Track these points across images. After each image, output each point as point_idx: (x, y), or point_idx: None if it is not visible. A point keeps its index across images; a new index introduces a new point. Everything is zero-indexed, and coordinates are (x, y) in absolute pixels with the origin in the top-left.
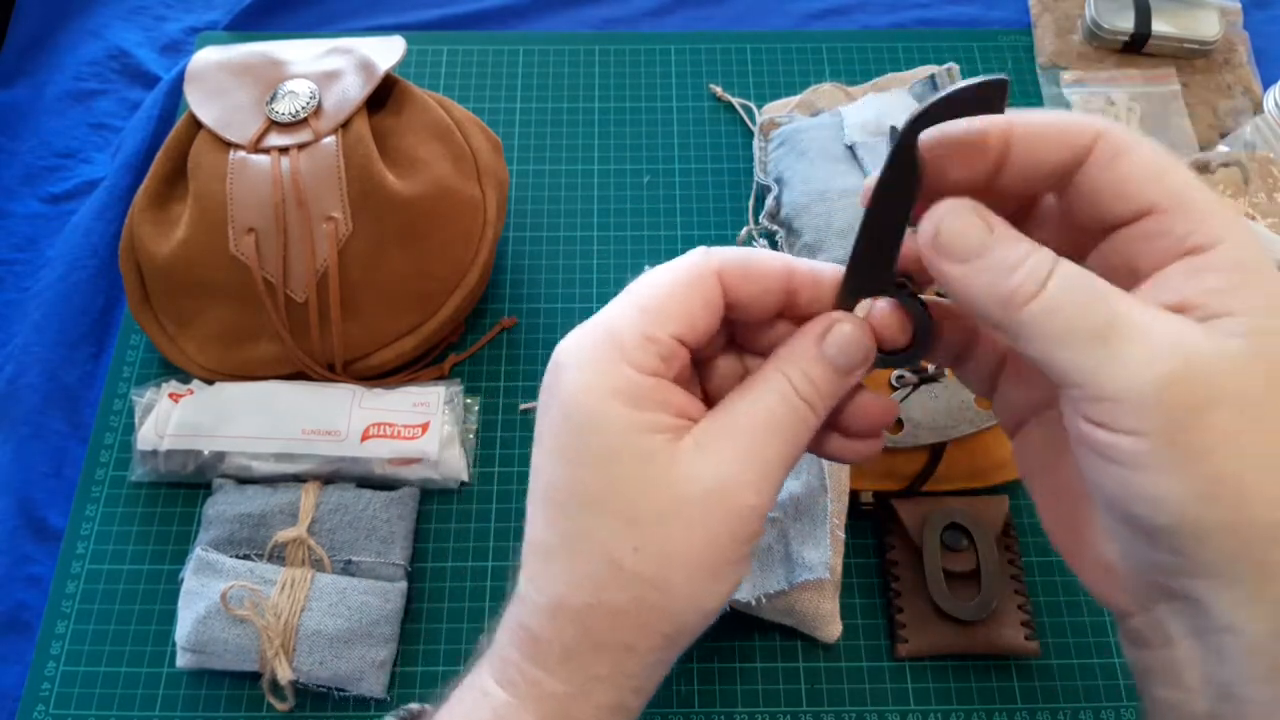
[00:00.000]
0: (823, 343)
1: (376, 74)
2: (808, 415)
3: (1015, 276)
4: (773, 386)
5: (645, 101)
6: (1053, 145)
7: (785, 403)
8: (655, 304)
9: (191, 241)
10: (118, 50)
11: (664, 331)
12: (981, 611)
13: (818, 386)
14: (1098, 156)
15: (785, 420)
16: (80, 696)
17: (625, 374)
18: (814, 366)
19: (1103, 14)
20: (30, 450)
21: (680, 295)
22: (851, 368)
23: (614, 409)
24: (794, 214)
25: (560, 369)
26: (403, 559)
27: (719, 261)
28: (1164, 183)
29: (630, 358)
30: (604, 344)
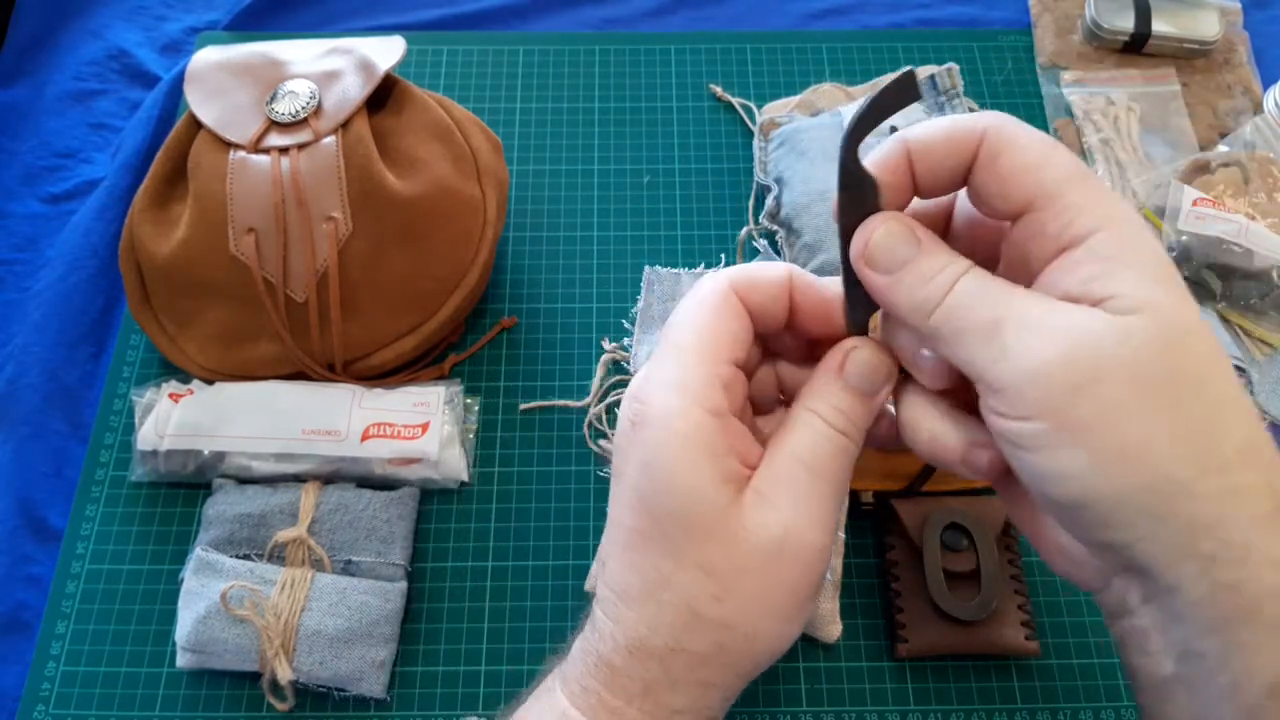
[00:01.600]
0: (843, 373)
1: (376, 74)
2: (846, 445)
3: (927, 288)
4: (809, 426)
5: (645, 101)
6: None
7: (824, 440)
8: (703, 341)
9: (191, 241)
10: (118, 50)
11: (724, 362)
12: (981, 611)
13: (848, 415)
14: (981, 156)
15: (828, 455)
16: (80, 696)
17: (699, 419)
18: (841, 397)
19: (1103, 14)
20: (30, 450)
21: (718, 323)
22: (876, 390)
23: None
24: (794, 214)
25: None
26: (403, 559)
27: (728, 279)
28: (1039, 177)
29: (701, 400)
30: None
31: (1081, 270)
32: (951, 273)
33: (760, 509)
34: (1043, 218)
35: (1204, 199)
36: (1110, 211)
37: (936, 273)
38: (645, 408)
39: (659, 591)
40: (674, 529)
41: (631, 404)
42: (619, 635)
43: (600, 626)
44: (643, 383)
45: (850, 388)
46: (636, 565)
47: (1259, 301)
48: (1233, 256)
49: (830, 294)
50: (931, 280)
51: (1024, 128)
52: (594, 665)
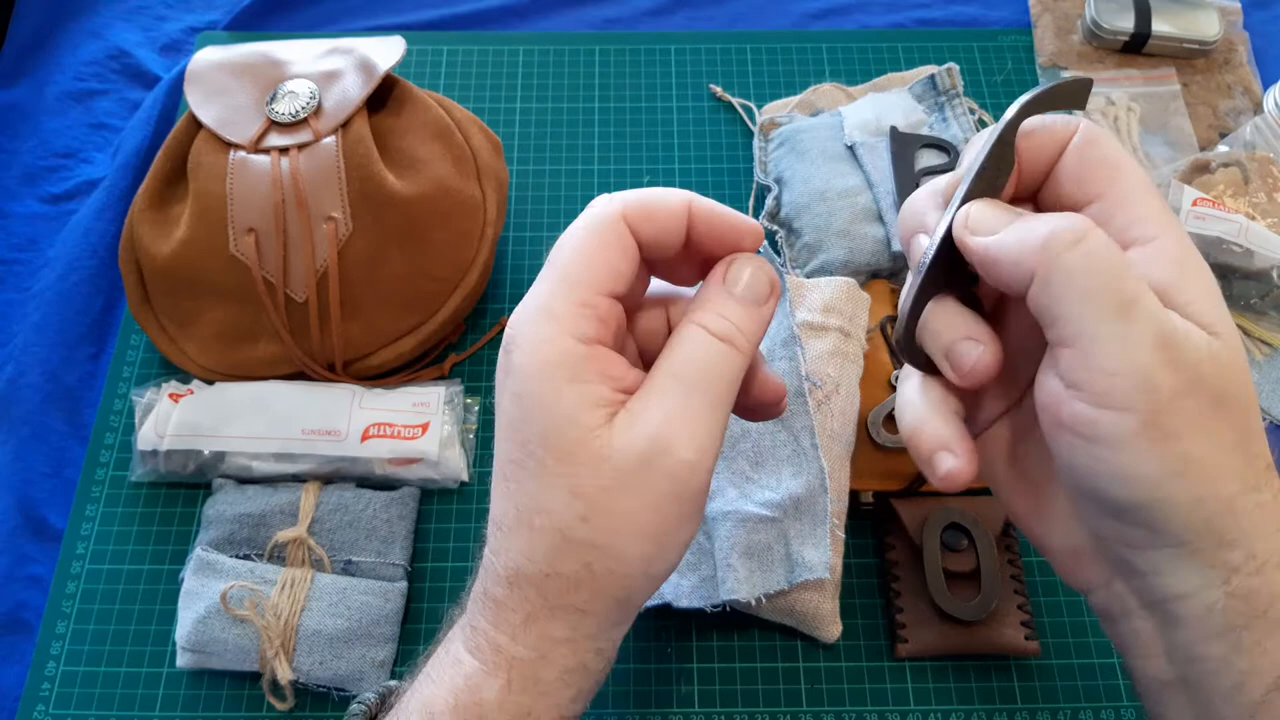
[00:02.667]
0: (726, 281)
1: (376, 74)
2: (727, 353)
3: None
4: (689, 335)
5: (645, 101)
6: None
7: (705, 346)
8: (579, 268)
9: (191, 241)
10: (118, 50)
11: (595, 293)
12: (981, 611)
13: (732, 321)
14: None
15: (705, 364)
16: (80, 696)
17: (565, 346)
18: (724, 305)
19: (1103, 14)
20: (30, 450)
21: (599, 253)
22: (760, 299)
23: (555, 387)
24: (794, 214)
25: (508, 351)
26: (403, 559)
27: (621, 206)
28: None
29: (568, 328)
30: (543, 320)
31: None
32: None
33: (629, 427)
34: (1109, 208)
35: (1204, 199)
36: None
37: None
38: (515, 334)
39: (531, 516)
40: (543, 454)
41: (507, 330)
42: (499, 566)
43: (484, 562)
44: (519, 309)
45: (734, 295)
46: (511, 494)
47: (1259, 301)
48: (1233, 256)
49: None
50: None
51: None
52: (480, 602)
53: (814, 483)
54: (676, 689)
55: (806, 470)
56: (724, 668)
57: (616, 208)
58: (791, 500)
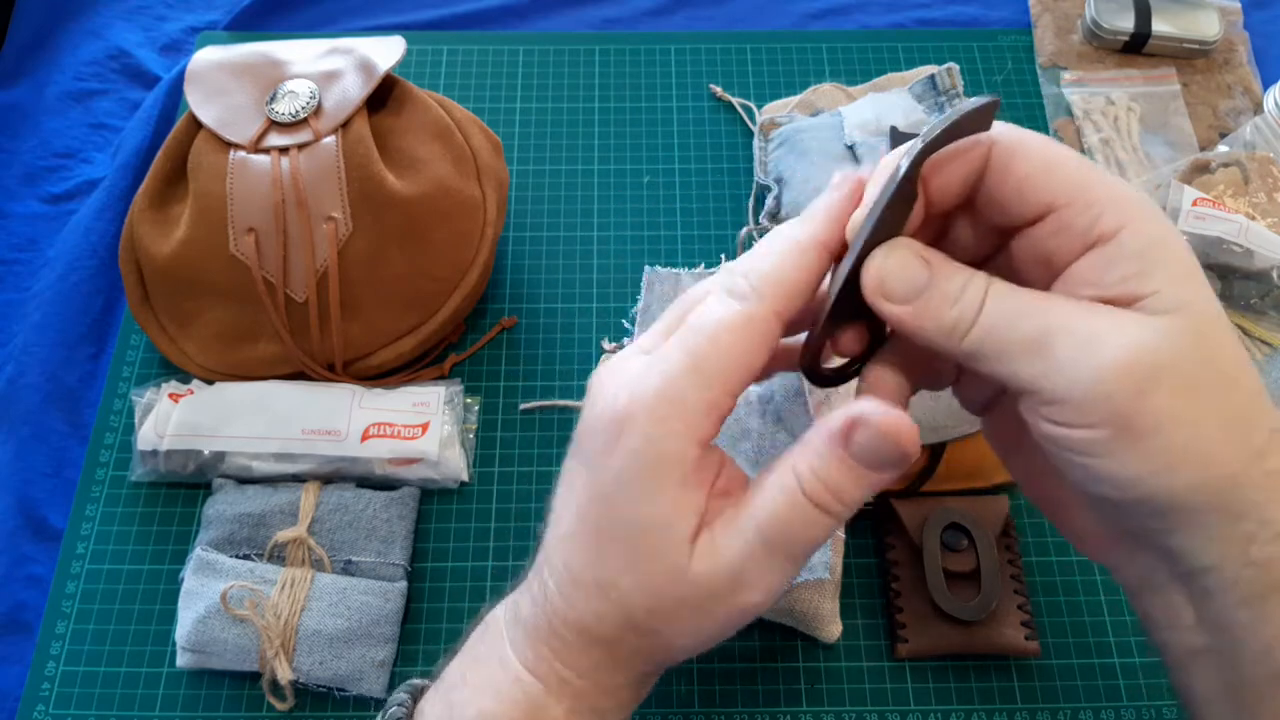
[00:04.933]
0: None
1: (376, 74)
2: (818, 518)
3: (954, 311)
4: (783, 492)
5: (645, 101)
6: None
7: (795, 513)
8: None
9: (191, 241)
10: (118, 50)
11: (729, 395)
12: (981, 611)
13: (834, 493)
14: (993, 164)
15: (794, 530)
16: (80, 696)
17: (686, 450)
18: (831, 470)
19: (1103, 14)
20: (30, 450)
21: (742, 351)
22: (882, 467)
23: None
24: (794, 214)
25: (621, 428)
26: (403, 559)
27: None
28: (1057, 177)
29: (693, 427)
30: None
31: (1117, 268)
32: (975, 290)
33: (709, 558)
34: (1066, 215)
35: (1204, 199)
36: (1132, 205)
37: (957, 294)
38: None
39: (609, 590)
40: (633, 543)
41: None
42: (570, 616)
43: (552, 598)
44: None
45: (850, 462)
46: (592, 561)
47: (1259, 301)
48: (1233, 256)
49: None
50: (957, 302)
51: (1027, 132)
52: (547, 633)
53: None
54: (676, 689)
55: None
56: (724, 668)
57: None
58: None
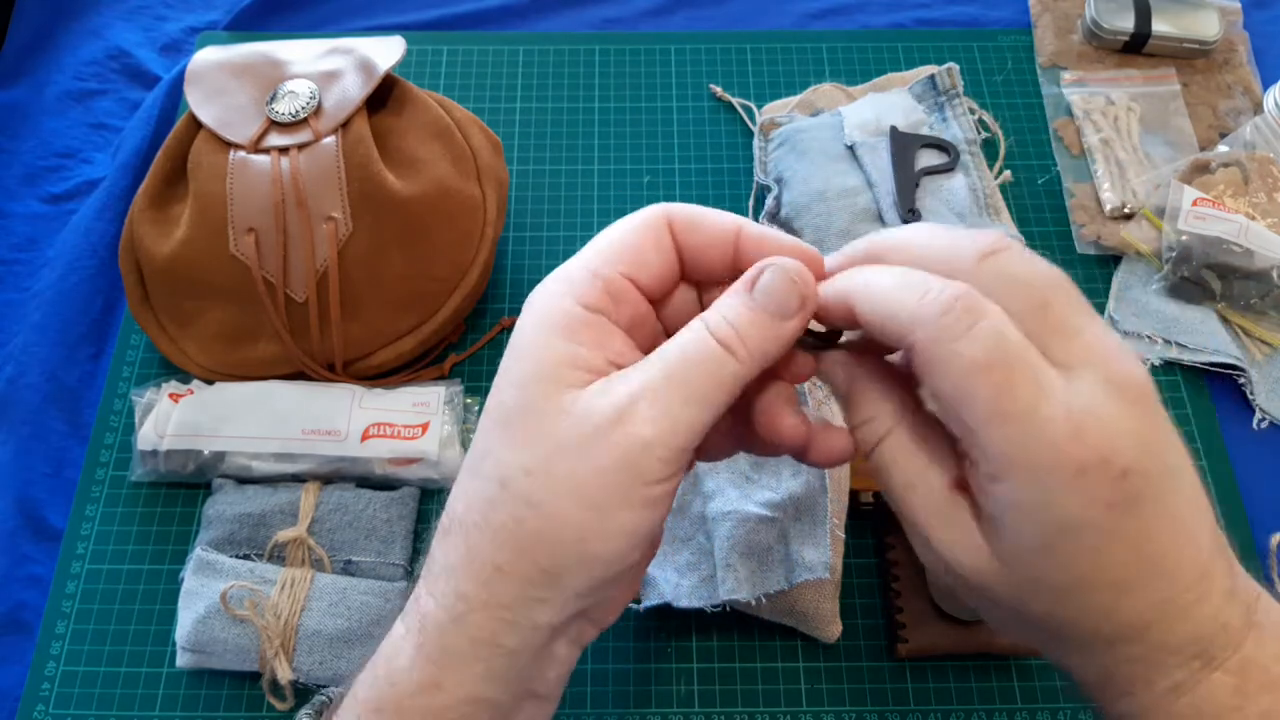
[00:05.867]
0: (749, 284)
1: (376, 74)
2: (725, 361)
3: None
4: (691, 327)
5: (645, 101)
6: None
7: (698, 343)
8: (605, 245)
9: (191, 241)
10: (118, 50)
11: (611, 269)
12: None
13: (738, 329)
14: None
15: (696, 362)
16: (80, 696)
17: (566, 307)
18: (738, 311)
19: (1103, 14)
20: (30, 450)
21: (628, 237)
22: (780, 312)
23: (547, 339)
24: (794, 214)
25: (523, 309)
26: (403, 559)
27: (667, 211)
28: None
29: (576, 292)
30: (555, 280)
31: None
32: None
33: (598, 395)
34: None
35: (1204, 199)
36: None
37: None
38: (531, 295)
39: (481, 461)
40: (513, 402)
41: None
42: (444, 515)
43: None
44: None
45: (754, 302)
46: (477, 439)
47: (1259, 301)
48: (1233, 256)
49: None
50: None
51: None
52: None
53: (814, 483)
54: (676, 689)
55: (806, 470)
56: (724, 668)
57: (661, 209)
58: (791, 500)
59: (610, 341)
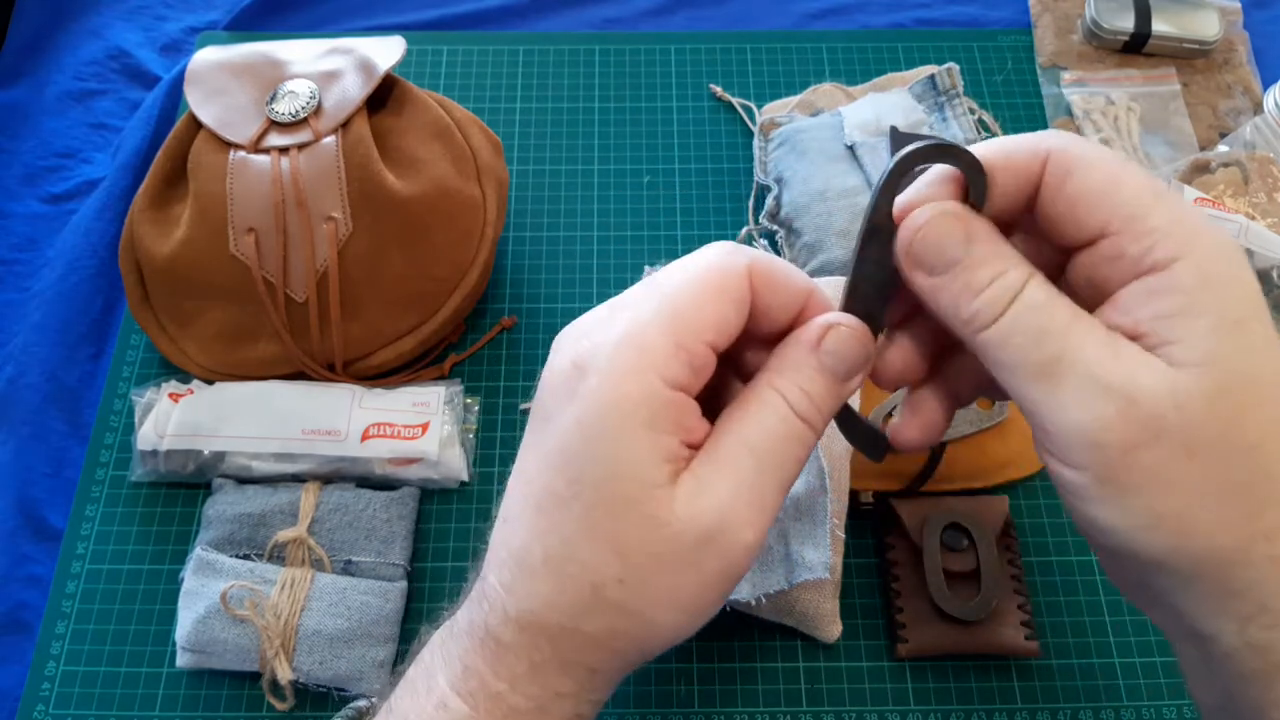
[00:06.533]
0: (819, 349)
1: (376, 74)
2: (805, 434)
3: (977, 301)
4: (768, 406)
5: (645, 101)
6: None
7: (782, 424)
8: (688, 307)
9: (191, 241)
10: (118, 50)
11: (699, 340)
12: (981, 611)
13: (815, 401)
14: (1047, 180)
15: (782, 443)
16: (80, 696)
17: (652, 388)
18: (811, 378)
19: (1103, 14)
20: (30, 450)
21: (714, 297)
22: (852, 375)
23: (630, 430)
24: (794, 214)
25: (580, 371)
26: (403, 559)
27: (749, 261)
28: (1115, 200)
29: (662, 370)
30: (630, 347)
31: (1157, 302)
32: (1004, 288)
33: (694, 497)
34: (1121, 241)
35: (1204, 199)
36: (1193, 236)
37: (986, 285)
38: (594, 355)
39: (564, 564)
40: (595, 500)
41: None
42: (510, 607)
43: (491, 596)
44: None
45: (825, 368)
46: (543, 531)
47: None
48: None
49: None
50: (981, 294)
51: (1091, 146)
52: (480, 641)
53: (814, 483)
54: (676, 689)
55: (806, 470)
56: (724, 668)
57: (744, 260)
58: (791, 500)
59: (687, 419)
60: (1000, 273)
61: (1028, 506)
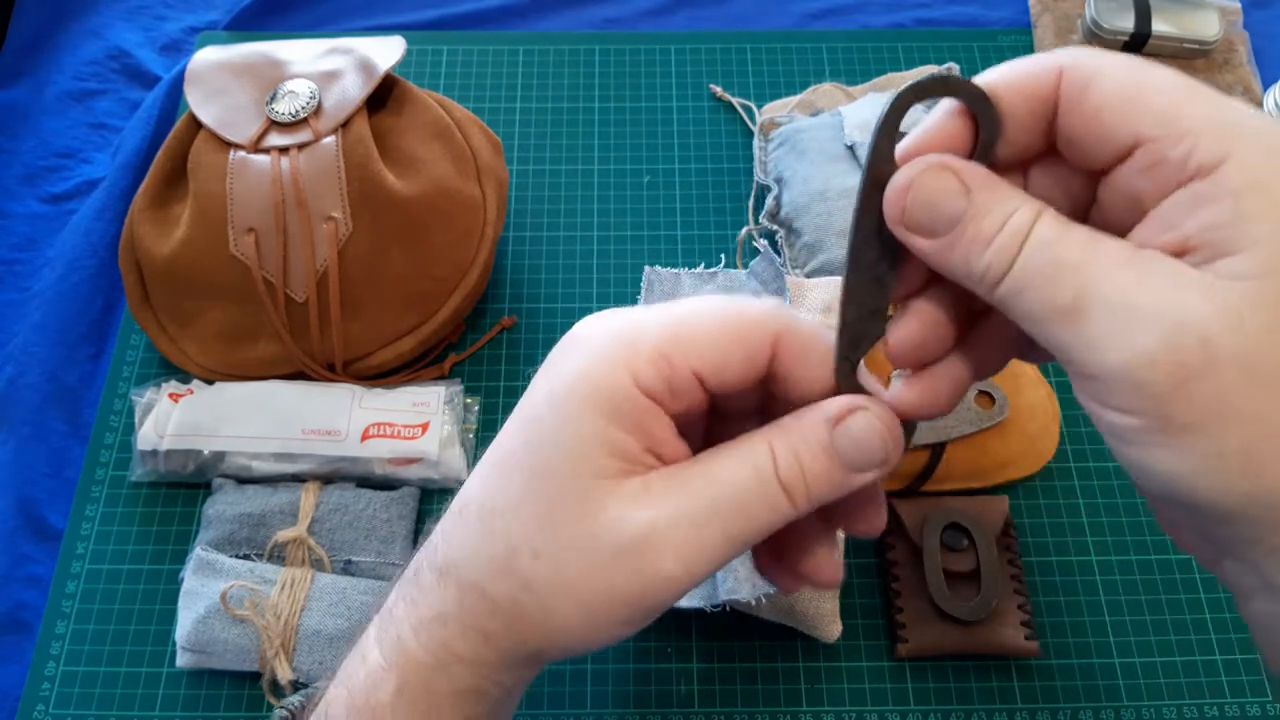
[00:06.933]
0: (835, 428)
1: (376, 74)
2: (780, 505)
3: (988, 253)
4: (752, 457)
5: (645, 101)
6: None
7: (758, 483)
8: (691, 329)
9: (191, 241)
10: (118, 50)
11: (684, 360)
12: (981, 611)
13: (807, 477)
14: (1065, 95)
15: (749, 500)
16: (80, 696)
17: (621, 384)
18: (814, 454)
19: (1103, 14)
20: (30, 450)
21: (721, 335)
22: (862, 467)
23: (590, 413)
24: (794, 214)
25: (571, 345)
26: (403, 559)
27: (782, 326)
28: (1144, 103)
29: (636, 367)
30: (619, 341)
31: (1205, 211)
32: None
33: (632, 503)
34: (1157, 148)
35: None
36: (1239, 132)
37: (998, 229)
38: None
39: (494, 519)
40: (542, 469)
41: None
42: (440, 551)
43: (431, 541)
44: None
45: (834, 449)
46: (492, 486)
47: None
48: None
49: None
50: (991, 242)
51: (1108, 54)
52: (409, 582)
53: None
54: (676, 689)
55: None
56: (724, 668)
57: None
58: None
59: (655, 428)
60: (1011, 213)
61: (1028, 506)
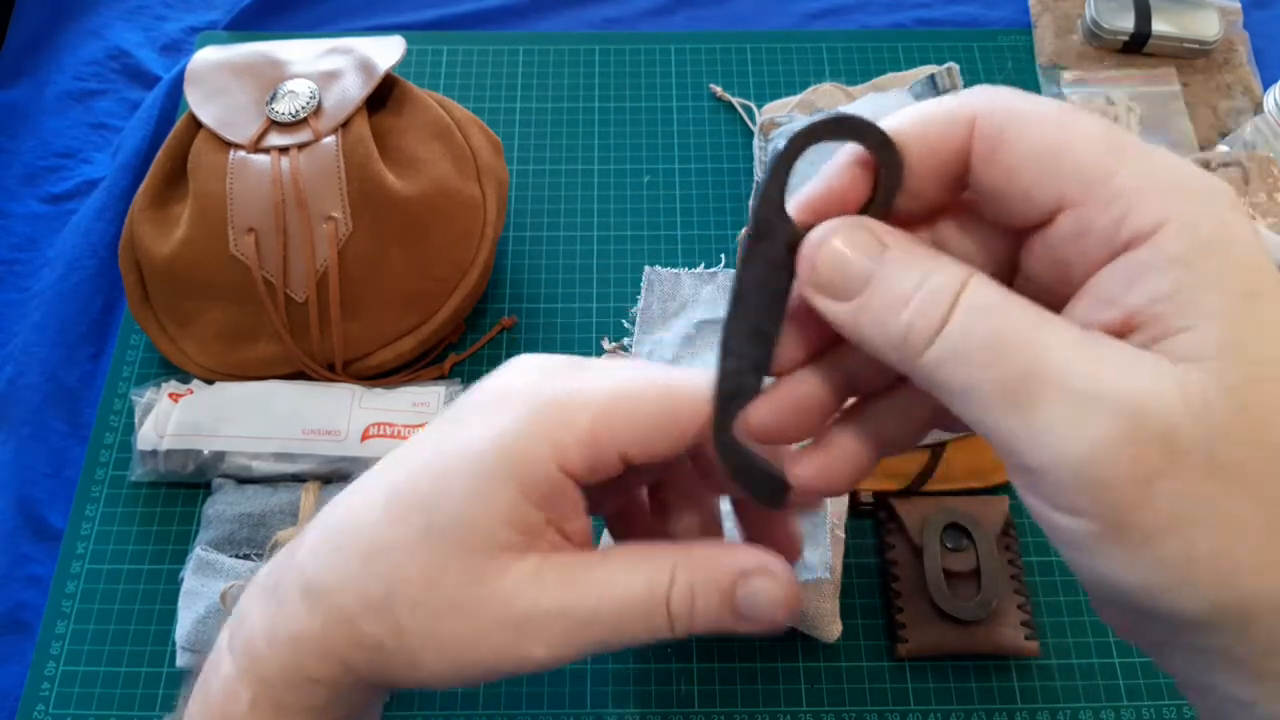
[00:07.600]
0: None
1: (376, 74)
2: (659, 626)
3: (907, 313)
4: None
5: (645, 101)
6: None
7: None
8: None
9: (191, 241)
10: (118, 50)
11: (614, 444)
12: (981, 611)
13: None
14: (977, 149)
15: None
16: (80, 696)
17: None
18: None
19: (1103, 14)
20: (30, 450)
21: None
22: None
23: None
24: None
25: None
26: None
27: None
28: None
29: (564, 450)
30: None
31: (1146, 283)
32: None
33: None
34: (1084, 212)
35: None
36: (1175, 191)
37: (913, 288)
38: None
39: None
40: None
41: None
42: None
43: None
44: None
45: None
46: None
47: None
48: None
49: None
50: (910, 303)
51: (1027, 98)
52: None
53: None
54: (676, 689)
55: None
56: (724, 668)
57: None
58: None
59: (565, 505)
60: (928, 273)
61: None
